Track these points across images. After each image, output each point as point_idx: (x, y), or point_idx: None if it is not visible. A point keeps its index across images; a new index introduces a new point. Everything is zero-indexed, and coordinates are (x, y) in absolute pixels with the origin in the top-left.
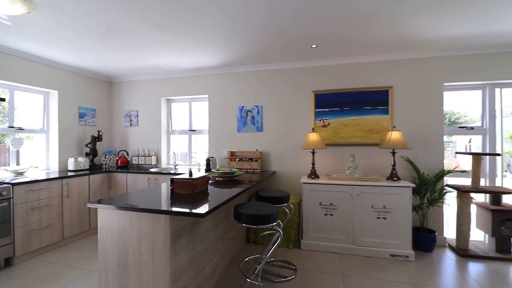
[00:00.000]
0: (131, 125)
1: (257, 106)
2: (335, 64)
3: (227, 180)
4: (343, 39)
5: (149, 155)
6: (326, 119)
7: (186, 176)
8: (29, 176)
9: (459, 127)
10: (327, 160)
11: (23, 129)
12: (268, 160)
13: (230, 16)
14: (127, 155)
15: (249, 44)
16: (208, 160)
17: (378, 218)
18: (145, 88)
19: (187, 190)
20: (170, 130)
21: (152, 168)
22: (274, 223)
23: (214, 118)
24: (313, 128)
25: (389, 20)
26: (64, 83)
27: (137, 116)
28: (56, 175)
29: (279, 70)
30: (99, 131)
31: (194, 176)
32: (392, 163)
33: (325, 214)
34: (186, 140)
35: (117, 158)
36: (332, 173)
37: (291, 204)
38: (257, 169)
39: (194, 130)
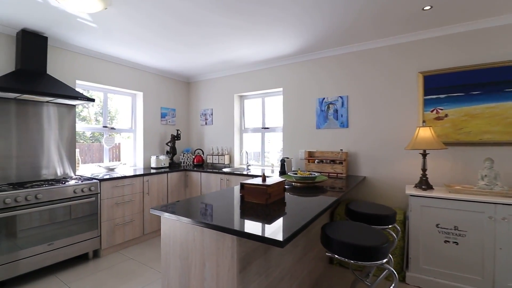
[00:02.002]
0: (206, 123)
1: (341, 97)
2: (458, 33)
3: (307, 186)
4: None
5: (222, 154)
6: (441, 109)
7: (259, 180)
8: (119, 172)
9: None
10: (444, 165)
11: (114, 129)
12: (355, 162)
13: None
14: (203, 153)
15: (331, 17)
16: (282, 161)
17: None
18: (218, 86)
19: (259, 199)
20: (243, 128)
21: (225, 167)
22: (384, 260)
23: (289, 113)
24: (423, 122)
25: None
26: (148, 85)
27: (212, 114)
28: (141, 172)
29: (369, 51)
30: (177, 130)
31: (269, 181)
32: None
33: (446, 242)
34: (258, 138)
35: (194, 156)
36: (453, 183)
37: (397, 226)
38: (341, 174)
39: (267, 128)
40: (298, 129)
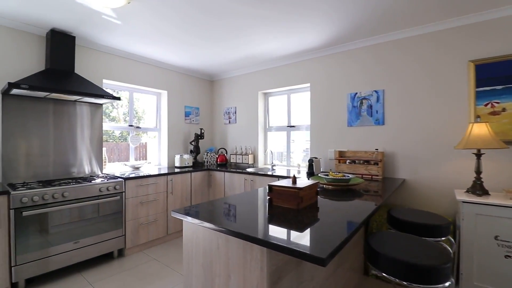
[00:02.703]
0: (229, 122)
1: (376, 92)
2: None
3: (340, 189)
4: None
5: (246, 154)
6: (497, 102)
7: (289, 182)
8: (144, 171)
9: None
10: (502, 167)
11: (139, 128)
12: (392, 163)
13: None
14: (226, 153)
15: (366, 2)
16: (310, 161)
17: None
18: (242, 83)
19: (290, 204)
20: (267, 127)
21: (249, 167)
22: (447, 284)
23: (317, 110)
24: (478, 117)
25: None
26: (172, 83)
27: (235, 113)
28: (165, 171)
29: (408, 40)
30: (201, 129)
31: (299, 183)
32: None
33: (507, 257)
34: (282, 137)
35: (217, 156)
36: None
37: (451, 238)
38: (377, 176)
39: (293, 126)
40: (327, 127)
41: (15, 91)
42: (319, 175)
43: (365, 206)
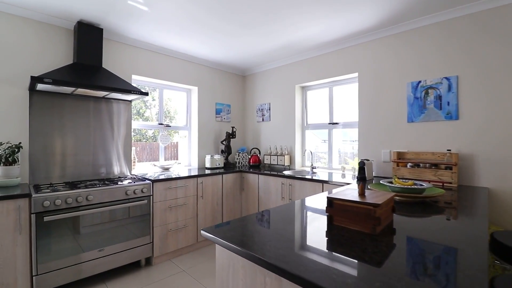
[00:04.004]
0: (263, 120)
1: (447, 79)
2: None
3: (412, 202)
4: None
5: (281, 154)
6: None
7: (353, 194)
8: (173, 172)
9: None
10: None
11: (169, 126)
12: (470, 168)
13: None
14: (259, 153)
15: None
16: (362, 164)
17: None
18: (277, 77)
19: (361, 226)
20: (305, 125)
21: (285, 169)
22: None
23: (367, 104)
24: None
25: None
26: (202, 79)
27: (269, 109)
28: (195, 172)
29: (490, 12)
30: (233, 127)
31: (369, 196)
32: None
33: None
34: (321, 136)
35: (249, 156)
36: None
37: None
38: (449, 183)
39: (336, 123)
40: (379, 123)
41: (41, 87)
42: (380, 182)
43: (464, 229)
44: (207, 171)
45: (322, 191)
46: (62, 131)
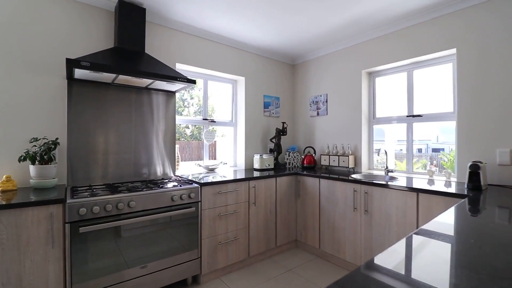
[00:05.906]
0: (318, 114)
1: None
2: None
3: None
4: None
5: (344, 154)
6: None
7: None
8: (219, 173)
9: None
10: None
11: (214, 121)
12: None
13: None
14: (314, 153)
15: None
16: (475, 168)
17: None
18: (338, 62)
19: None
20: (373, 119)
21: (350, 172)
22: None
23: (470, 89)
24: None
25: None
26: (249, 68)
27: (326, 101)
28: (242, 174)
29: None
30: (283, 123)
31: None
32: None
33: None
34: (398, 132)
35: (303, 156)
36: None
37: None
38: None
39: (420, 116)
40: (488, 113)
41: (79, 73)
42: None
43: None
44: (256, 173)
45: (417, 204)
46: (103, 126)
